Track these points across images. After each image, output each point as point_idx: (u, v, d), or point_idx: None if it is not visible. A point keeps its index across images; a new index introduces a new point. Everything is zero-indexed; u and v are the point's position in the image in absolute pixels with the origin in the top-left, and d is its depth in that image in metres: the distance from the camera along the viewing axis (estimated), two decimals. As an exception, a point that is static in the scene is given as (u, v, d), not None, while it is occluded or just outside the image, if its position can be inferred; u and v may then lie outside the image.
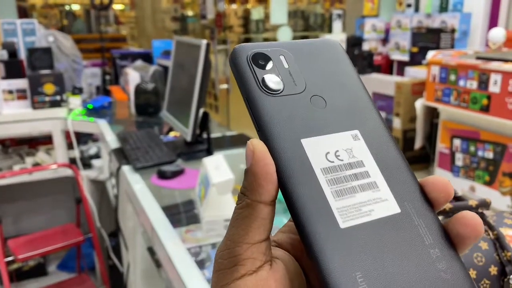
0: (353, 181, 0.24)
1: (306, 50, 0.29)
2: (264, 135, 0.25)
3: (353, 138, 0.26)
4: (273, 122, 0.25)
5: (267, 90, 0.26)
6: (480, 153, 1.83)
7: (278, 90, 0.26)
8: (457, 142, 1.93)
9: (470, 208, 0.56)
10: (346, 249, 0.22)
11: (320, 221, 0.23)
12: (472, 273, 0.53)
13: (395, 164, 0.26)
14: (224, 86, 3.89)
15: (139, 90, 2.08)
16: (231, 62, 0.27)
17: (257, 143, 0.24)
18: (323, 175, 0.24)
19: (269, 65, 0.27)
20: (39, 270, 2.36)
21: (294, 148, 0.24)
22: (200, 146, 1.53)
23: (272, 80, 0.27)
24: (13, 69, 2.21)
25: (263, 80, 0.26)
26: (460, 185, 1.93)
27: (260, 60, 0.27)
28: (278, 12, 3.41)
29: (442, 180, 0.25)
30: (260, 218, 0.23)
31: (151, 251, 1.25)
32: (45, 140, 2.46)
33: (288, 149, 0.24)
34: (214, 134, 1.67)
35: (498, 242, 0.55)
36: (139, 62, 2.68)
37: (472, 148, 1.87)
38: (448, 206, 0.56)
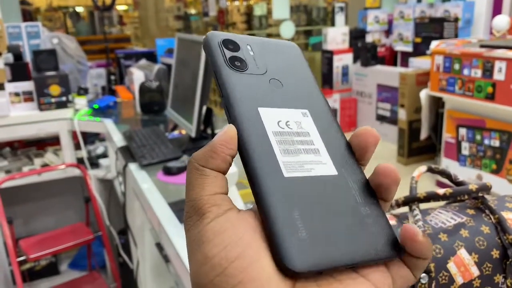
0: (299, 145, 0.28)
1: (270, 46, 0.33)
2: (227, 100, 0.28)
3: (302, 115, 0.30)
4: (235, 90, 0.29)
5: (233, 66, 0.30)
6: (486, 141, 1.82)
7: (242, 69, 0.30)
8: (462, 131, 1.93)
9: (470, 192, 0.57)
10: (287, 192, 0.25)
11: (267, 169, 0.26)
12: (474, 257, 0.53)
13: (335, 138, 0.30)
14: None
15: (143, 89, 2.10)
16: (204, 45, 0.31)
17: (232, 128, 0.26)
18: (273, 136, 0.28)
19: (236, 50, 0.31)
20: (51, 269, 2.39)
21: (251, 113, 0.28)
22: (204, 141, 1.54)
23: (238, 61, 0.30)
24: (19, 72, 2.23)
25: (230, 58, 0.30)
26: (467, 174, 1.92)
27: (229, 44, 0.31)
28: (280, 7, 3.40)
29: (364, 128, 0.28)
30: (211, 176, 0.25)
31: (159, 247, 1.27)
32: (53, 141, 2.48)
33: (246, 114, 0.28)
34: (219, 130, 1.68)
35: (499, 225, 0.55)
36: (143, 61, 2.69)
37: (478, 137, 1.86)
38: (448, 191, 0.57)
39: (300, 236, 0.23)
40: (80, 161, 2.25)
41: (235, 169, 1.00)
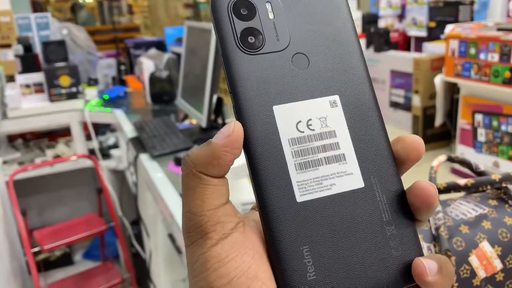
0: (320, 153, 0.24)
1: None
2: (235, 99, 0.24)
3: (330, 105, 0.24)
4: (246, 86, 0.24)
5: (245, 48, 0.24)
6: (503, 127, 1.78)
7: (257, 48, 0.24)
8: (479, 117, 1.88)
9: (493, 183, 0.54)
10: (297, 223, 0.22)
11: (277, 193, 0.22)
12: (497, 250, 0.51)
13: (370, 134, 0.25)
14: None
15: (153, 79, 2.08)
16: (211, 12, 0.25)
17: (238, 129, 0.23)
18: (289, 146, 0.23)
19: (251, 16, 0.25)
20: (65, 260, 2.41)
21: (264, 116, 0.23)
22: (215, 131, 1.52)
23: (252, 35, 0.24)
24: (29, 63, 2.23)
25: (241, 34, 0.24)
26: (484, 161, 1.88)
27: (243, 8, 0.25)
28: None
29: (412, 137, 0.24)
30: (211, 186, 0.22)
31: (171, 238, 1.26)
32: (64, 133, 2.49)
33: (257, 117, 0.23)
34: (231, 119, 1.66)
35: (523, 217, 0.52)
36: (152, 51, 2.68)
37: (494, 123, 1.82)
38: (470, 181, 0.54)
39: (308, 279, 0.22)
40: (91, 152, 2.26)
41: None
